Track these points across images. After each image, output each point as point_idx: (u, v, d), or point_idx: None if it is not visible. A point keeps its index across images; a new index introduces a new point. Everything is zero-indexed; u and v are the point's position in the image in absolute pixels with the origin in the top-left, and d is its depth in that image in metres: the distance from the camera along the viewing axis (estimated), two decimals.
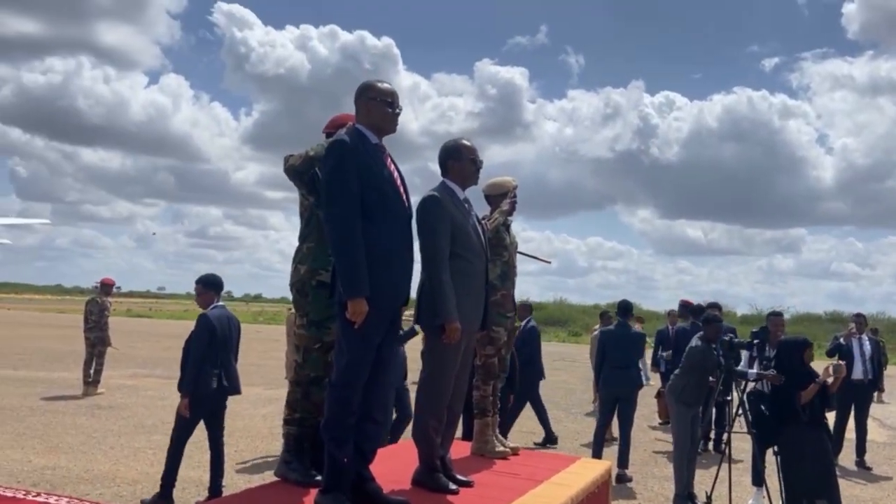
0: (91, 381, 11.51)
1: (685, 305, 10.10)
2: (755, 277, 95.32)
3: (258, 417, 9.90)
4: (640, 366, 7.55)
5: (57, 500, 5.56)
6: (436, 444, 3.56)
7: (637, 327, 10.18)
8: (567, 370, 19.81)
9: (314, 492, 3.14)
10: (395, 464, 3.81)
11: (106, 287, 12.00)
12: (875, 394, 9.67)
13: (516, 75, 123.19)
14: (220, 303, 5.92)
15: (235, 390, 5.82)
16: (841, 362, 5.79)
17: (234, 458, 7.46)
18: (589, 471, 4.23)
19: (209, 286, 5.88)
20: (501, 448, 4.46)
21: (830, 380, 5.49)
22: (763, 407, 6.28)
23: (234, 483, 6.33)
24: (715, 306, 9.31)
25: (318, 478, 3.29)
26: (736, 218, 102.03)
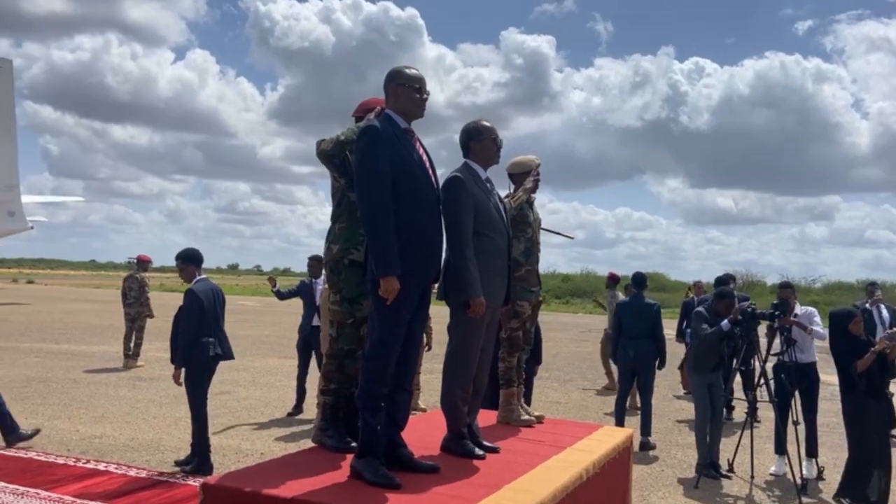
0: (131, 355, 11.95)
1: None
2: (787, 246, 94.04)
3: (290, 388, 10.19)
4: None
5: (106, 467, 5.93)
6: (463, 412, 3.75)
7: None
8: (593, 341, 19.90)
9: (349, 457, 3.34)
10: (424, 431, 4.02)
11: (143, 263, 12.45)
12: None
13: (543, 44, 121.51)
14: (203, 276, 6.14)
15: (228, 356, 6.07)
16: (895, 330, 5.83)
17: (270, 427, 7.76)
18: (611, 437, 4.39)
19: (189, 261, 6.10)
20: (526, 416, 4.65)
21: (885, 348, 5.55)
22: (783, 376, 6.41)
23: (270, 450, 6.61)
24: (730, 278, 9.44)
25: (353, 444, 3.51)
26: (768, 186, 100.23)
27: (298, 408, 8.50)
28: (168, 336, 6.04)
